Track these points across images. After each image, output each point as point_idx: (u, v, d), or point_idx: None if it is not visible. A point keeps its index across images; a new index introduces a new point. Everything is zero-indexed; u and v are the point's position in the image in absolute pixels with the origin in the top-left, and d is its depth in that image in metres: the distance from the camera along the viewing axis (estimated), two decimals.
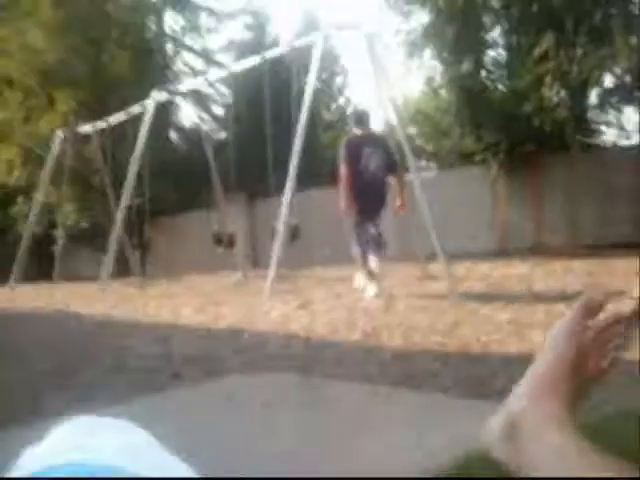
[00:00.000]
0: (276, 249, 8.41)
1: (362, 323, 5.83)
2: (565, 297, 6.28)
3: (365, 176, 7.31)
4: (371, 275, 7.32)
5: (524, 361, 0.71)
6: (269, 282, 8.19)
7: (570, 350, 0.67)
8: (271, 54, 10.09)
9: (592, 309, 0.69)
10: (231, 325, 6.36)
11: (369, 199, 7.30)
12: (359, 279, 7.68)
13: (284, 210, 8.47)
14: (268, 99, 10.02)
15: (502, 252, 13.55)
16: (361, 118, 7.82)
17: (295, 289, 9.37)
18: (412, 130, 26.75)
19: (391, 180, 7.84)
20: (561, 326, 0.68)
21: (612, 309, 0.70)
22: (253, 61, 10.37)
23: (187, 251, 19.09)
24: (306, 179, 17.01)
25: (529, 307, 5.94)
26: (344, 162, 7.39)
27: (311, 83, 8.74)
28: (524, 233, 14.13)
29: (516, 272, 8.95)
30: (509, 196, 14.29)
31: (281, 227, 8.44)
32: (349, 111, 31.97)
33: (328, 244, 17.30)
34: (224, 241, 11.88)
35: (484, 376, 3.87)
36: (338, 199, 7.59)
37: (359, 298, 7.31)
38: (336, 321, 6.02)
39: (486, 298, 6.66)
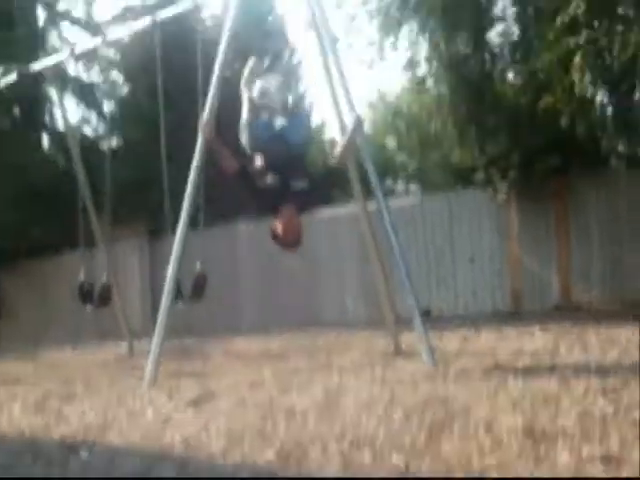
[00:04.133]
0: (163, 310, 7.63)
1: (281, 433, 4.97)
2: None
3: None
4: None
5: None
6: (151, 363, 7.41)
7: None
8: (166, 14, 9.37)
9: None
10: (69, 434, 5.48)
11: None
12: None
13: (176, 250, 7.66)
14: (161, 85, 9.44)
15: (516, 315, 12.99)
16: None
17: (196, 371, 8.70)
18: (389, 141, 26.51)
19: None
20: None
21: None
22: (141, 24, 9.64)
23: (60, 309, 18.06)
24: (234, 205, 16.35)
25: None
26: None
27: (221, 57, 7.96)
28: (547, 287, 13.51)
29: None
30: (523, 231, 13.70)
31: (170, 276, 7.61)
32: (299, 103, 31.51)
33: (260, 297, 16.51)
34: (94, 296, 11.01)
35: None
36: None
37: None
38: (241, 429, 5.15)
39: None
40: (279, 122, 6.96)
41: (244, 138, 6.99)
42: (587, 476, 3.74)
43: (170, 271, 7.77)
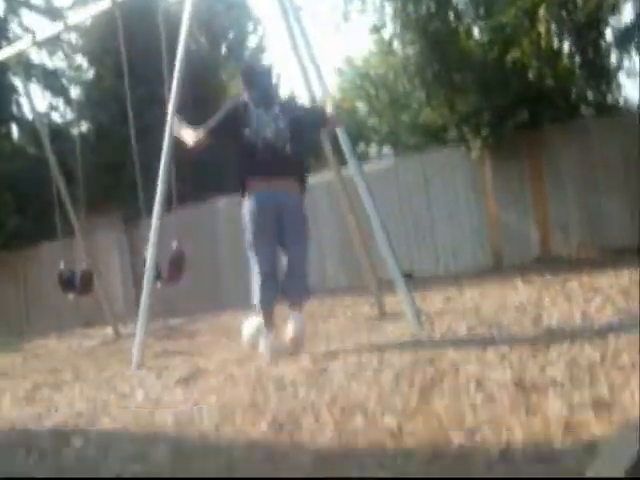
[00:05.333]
0: (146, 290, 7.59)
1: (273, 405, 4.96)
2: None
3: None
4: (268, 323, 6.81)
5: None
6: (137, 345, 7.39)
7: None
8: None
9: None
10: (61, 423, 5.45)
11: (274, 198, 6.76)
12: (249, 328, 7.24)
13: (153, 232, 7.63)
14: (126, 66, 9.40)
15: (498, 270, 13.02)
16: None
17: (184, 350, 8.66)
18: (359, 105, 26.40)
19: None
20: None
21: None
22: (101, 6, 9.51)
23: (42, 299, 17.97)
24: (210, 182, 16.30)
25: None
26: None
27: (183, 41, 7.90)
28: (526, 240, 13.51)
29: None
30: (499, 187, 13.69)
31: (149, 259, 7.61)
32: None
33: (240, 270, 16.40)
34: (76, 283, 10.94)
35: None
36: None
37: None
38: (232, 403, 5.13)
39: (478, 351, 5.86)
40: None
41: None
42: (579, 421, 3.75)
43: (149, 253, 7.75)
